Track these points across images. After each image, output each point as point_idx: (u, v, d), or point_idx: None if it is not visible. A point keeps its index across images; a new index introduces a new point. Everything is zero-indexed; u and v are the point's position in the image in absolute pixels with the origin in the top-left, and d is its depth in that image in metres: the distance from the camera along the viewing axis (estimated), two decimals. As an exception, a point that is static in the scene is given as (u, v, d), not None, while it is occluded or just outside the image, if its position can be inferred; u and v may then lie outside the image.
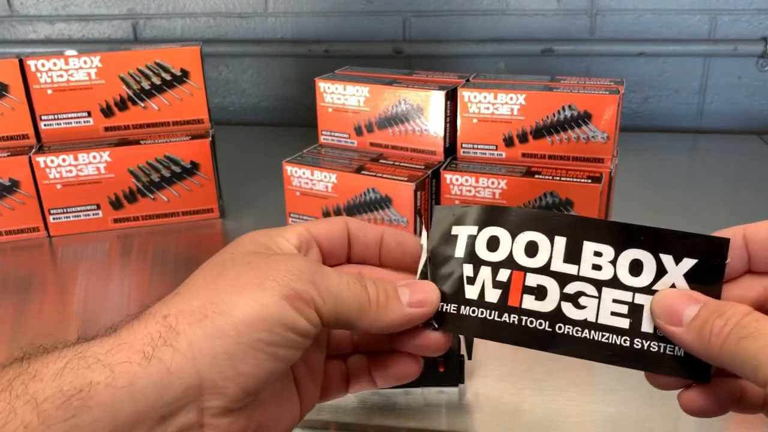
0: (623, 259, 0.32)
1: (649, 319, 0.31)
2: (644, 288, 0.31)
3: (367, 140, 0.80)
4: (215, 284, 0.30)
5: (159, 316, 0.29)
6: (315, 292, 0.30)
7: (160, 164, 0.80)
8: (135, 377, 0.26)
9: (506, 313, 0.33)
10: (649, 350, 0.31)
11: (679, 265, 0.31)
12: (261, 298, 0.29)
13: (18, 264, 0.74)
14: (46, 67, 0.77)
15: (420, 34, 1.18)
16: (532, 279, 0.33)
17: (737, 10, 1.10)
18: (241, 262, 0.31)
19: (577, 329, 0.32)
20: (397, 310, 0.33)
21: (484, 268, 0.34)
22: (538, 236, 0.33)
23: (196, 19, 1.23)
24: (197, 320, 0.28)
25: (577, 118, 0.70)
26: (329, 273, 0.32)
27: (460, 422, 0.47)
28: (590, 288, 0.32)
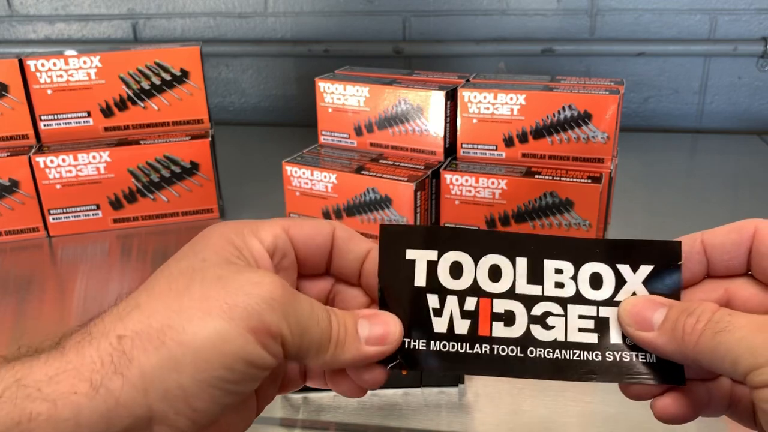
0: (583, 273, 0.32)
1: (616, 330, 0.31)
2: (607, 300, 0.32)
3: (367, 140, 0.80)
4: (179, 302, 0.27)
5: (113, 336, 0.26)
6: (285, 324, 0.28)
7: (159, 164, 0.80)
8: (80, 408, 0.24)
9: (477, 344, 0.31)
10: (622, 360, 0.31)
11: (636, 273, 0.32)
12: (225, 330, 0.26)
13: (18, 264, 0.74)
14: (46, 67, 0.77)
15: (420, 34, 1.18)
16: (499, 305, 0.32)
17: (737, 10, 1.10)
18: (212, 275, 0.28)
19: (548, 350, 0.31)
20: (355, 348, 0.30)
21: (450, 298, 0.32)
22: (500, 259, 0.32)
23: (196, 19, 1.23)
24: (154, 347, 0.26)
25: (577, 118, 0.70)
26: (302, 303, 0.29)
27: (460, 422, 0.47)
28: (556, 307, 0.32)
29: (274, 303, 0.27)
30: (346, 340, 0.30)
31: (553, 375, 0.31)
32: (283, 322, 0.28)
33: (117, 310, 0.27)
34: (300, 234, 0.33)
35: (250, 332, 0.27)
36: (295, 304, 0.29)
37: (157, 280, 0.29)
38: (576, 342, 0.31)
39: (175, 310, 0.26)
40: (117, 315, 0.27)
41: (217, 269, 0.28)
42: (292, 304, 0.28)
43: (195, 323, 0.26)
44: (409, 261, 0.32)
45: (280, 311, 0.28)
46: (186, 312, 0.26)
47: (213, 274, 0.28)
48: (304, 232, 0.33)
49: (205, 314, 0.26)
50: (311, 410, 0.49)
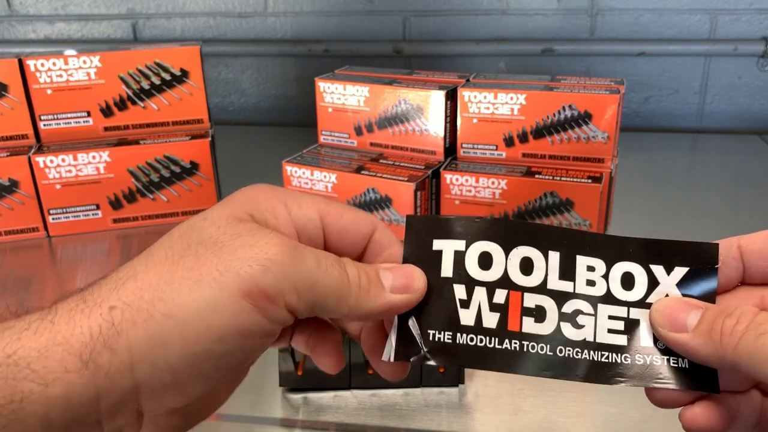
0: (615, 272, 0.31)
1: (647, 333, 0.30)
2: (638, 302, 0.30)
3: (367, 140, 0.80)
4: (172, 272, 0.25)
5: (105, 306, 0.25)
6: (287, 284, 0.26)
7: (159, 164, 0.79)
8: (71, 386, 0.24)
9: (507, 339, 0.30)
10: (652, 364, 0.30)
11: (670, 274, 0.31)
12: (214, 299, 0.25)
13: (17, 264, 0.74)
14: (46, 66, 0.77)
15: (420, 33, 1.18)
16: (530, 299, 0.30)
17: (738, 10, 1.10)
18: (208, 239, 0.26)
19: (577, 350, 0.30)
20: (380, 296, 0.29)
21: (479, 289, 0.30)
22: (533, 251, 0.31)
23: (196, 19, 1.23)
24: (142, 320, 0.25)
25: (577, 118, 0.70)
26: (305, 256, 0.27)
27: (460, 422, 0.47)
28: (586, 306, 0.30)
29: (271, 264, 0.25)
30: (370, 288, 0.28)
31: (582, 377, 0.30)
32: (283, 282, 0.26)
33: (115, 277, 0.26)
34: (336, 225, 0.30)
35: (243, 298, 0.25)
36: (298, 260, 0.26)
37: (157, 246, 0.27)
38: (605, 343, 0.30)
39: (167, 281, 0.25)
40: (114, 283, 0.26)
41: (215, 230, 0.26)
42: (293, 261, 0.26)
43: (184, 294, 0.25)
44: (435, 251, 0.31)
45: (279, 271, 0.25)
46: (177, 282, 0.25)
47: (209, 237, 0.26)
48: (341, 225, 0.31)
49: (195, 284, 0.25)
50: (311, 410, 0.49)
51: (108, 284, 0.26)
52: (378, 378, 0.50)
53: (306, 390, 0.50)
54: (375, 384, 0.50)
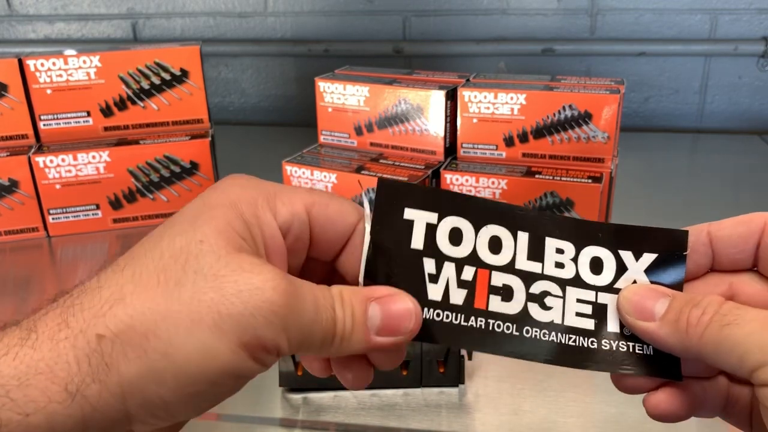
0: (584, 257, 0.31)
1: (614, 319, 0.30)
2: (606, 286, 0.30)
3: (367, 140, 0.80)
4: (167, 303, 0.24)
5: (91, 334, 0.23)
6: (283, 336, 0.25)
7: (159, 164, 0.79)
8: (55, 416, 0.23)
9: (473, 316, 0.29)
10: (618, 350, 0.30)
11: (639, 260, 0.30)
12: (214, 345, 0.24)
13: (17, 264, 0.74)
14: (46, 66, 0.77)
15: (420, 33, 1.18)
16: (497, 278, 0.30)
17: (738, 10, 1.10)
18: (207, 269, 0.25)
19: (544, 332, 0.30)
20: (362, 341, 0.27)
21: (448, 265, 0.30)
22: (502, 230, 0.30)
23: (196, 19, 1.23)
24: (136, 355, 0.23)
25: (577, 118, 0.70)
26: (305, 306, 0.26)
27: (460, 422, 0.47)
28: (555, 287, 0.30)
29: (273, 316, 0.24)
30: (353, 333, 0.27)
31: (548, 358, 0.30)
32: (281, 334, 0.25)
33: (99, 298, 0.24)
34: (322, 216, 0.29)
35: (241, 348, 0.24)
36: (297, 309, 0.25)
37: (145, 263, 0.25)
38: (573, 326, 0.30)
39: (161, 314, 0.24)
40: (99, 307, 0.24)
41: (215, 261, 0.25)
42: (293, 312, 0.25)
43: (181, 334, 0.24)
44: (406, 221, 0.30)
45: (279, 324, 0.25)
46: (173, 318, 0.24)
47: (208, 269, 0.24)
48: (327, 216, 0.29)
49: (193, 324, 0.24)
50: (311, 410, 0.49)
51: (92, 306, 0.24)
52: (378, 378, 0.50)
53: (306, 390, 0.50)
54: (375, 384, 0.50)
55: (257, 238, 0.27)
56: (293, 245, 0.29)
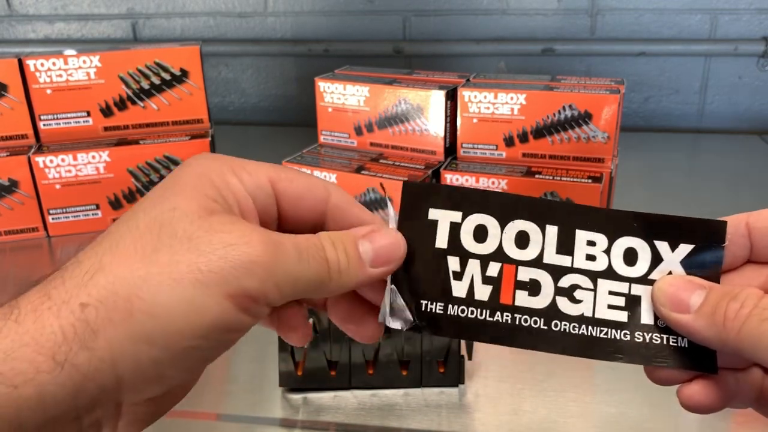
0: (617, 248, 0.30)
1: (648, 311, 0.30)
2: (640, 278, 0.30)
3: (367, 140, 0.80)
4: (146, 267, 0.24)
5: (75, 304, 0.24)
6: (270, 284, 0.25)
7: (159, 164, 0.79)
8: (44, 386, 0.23)
9: (498, 312, 0.30)
10: (652, 342, 0.29)
11: (675, 251, 0.30)
12: (199, 299, 0.24)
13: (17, 264, 0.74)
14: (46, 66, 0.77)
15: (420, 33, 1.18)
16: (524, 273, 0.30)
17: (738, 10, 1.10)
18: (181, 234, 0.25)
19: (574, 325, 0.30)
20: (360, 273, 0.28)
21: (472, 262, 0.30)
22: (529, 225, 0.30)
23: (196, 19, 1.23)
24: (121, 318, 0.24)
25: (577, 118, 0.70)
26: (287, 252, 0.26)
27: (460, 422, 0.47)
28: (585, 280, 0.30)
29: (254, 266, 0.25)
30: (349, 267, 0.28)
31: (578, 351, 0.29)
32: (267, 283, 0.25)
33: (79, 270, 0.25)
34: (288, 191, 0.29)
35: (227, 299, 0.24)
36: (280, 257, 0.26)
37: (121, 234, 0.26)
38: (604, 319, 0.30)
39: (141, 277, 0.24)
40: (79, 278, 0.24)
41: (188, 224, 0.25)
42: (276, 260, 0.25)
43: (165, 293, 0.24)
44: (431, 221, 0.30)
45: (262, 272, 0.25)
46: (154, 279, 0.24)
47: (183, 232, 0.25)
48: (294, 191, 0.29)
49: (176, 282, 0.24)
50: (311, 410, 0.49)
51: (73, 278, 0.24)
52: (378, 378, 0.50)
53: (306, 390, 0.50)
54: (375, 384, 0.50)
55: (229, 199, 0.27)
56: (261, 218, 0.29)
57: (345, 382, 0.50)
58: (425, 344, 0.49)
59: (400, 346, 0.49)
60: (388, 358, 0.49)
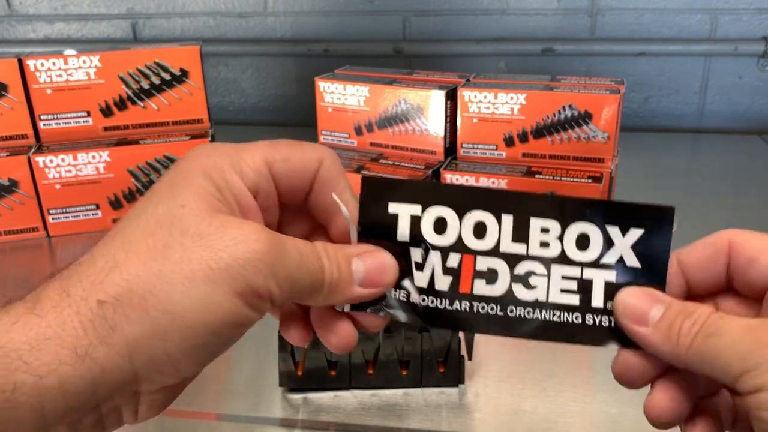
0: (570, 233, 0.31)
1: (599, 294, 0.31)
2: (592, 262, 0.31)
3: (367, 140, 0.80)
4: (159, 264, 0.25)
5: (92, 301, 0.25)
6: (273, 282, 0.27)
7: (159, 164, 0.79)
8: (66, 377, 0.24)
9: (457, 300, 0.31)
10: (601, 325, 0.30)
11: (626, 236, 0.31)
12: (211, 297, 0.25)
13: (17, 264, 0.74)
14: (46, 66, 0.77)
15: (420, 33, 1.18)
16: (482, 262, 0.31)
17: (738, 10, 1.10)
18: (192, 231, 0.26)
19: (528, 310, 0.31)
20: (348, 291, 0.29)
21: (433, 253, 0.31)
22: (486, 215, 0.31)
23: (196, 19, 1.23)
24: (137, 315, 0.25)
25: (577, 118, 0.70)
26: (290, 254, 0.27)
27: (460, 422, 0.47)
28: (539, 267, 0.31)
29: (261, 264, 0.26)
30: (340, 283, 0.29)
31: (532, 335, 0.31)
32: (271, 281, 0.26)
33: (94, 268, 0.26)
34: (284, 169, 0.30)
35: (236, 296, 0.26)
36: (283, 256, 0.27)
37: (132, 231, 0.27)
38: (557, 303, 0.31)
39: (155, 274, 0.25)
40: (95, 276, 0.26)
41: (198, 222, 0.26)
42: (279, 258, 0.27)
43: (179, 290, 0.25)
44: (391, 215, 0.31)
45: (268, 270, 0.26)
46: (168, 276, 0.25)
47: (194, 229, 0.26)
48: (289, 168, 0.30)
49: (188, 280, 0.25)
50: (311, 410, 0.49)
51: (89, 275, 0.26)
52: (378, 378, 0.50)
53: (306, 390, 0.50)
54: (375, 384, 0.50)
55: (230, 200, 0.28)
56: (265, 202, 0.30)
57: (345, 382, 0.50)
58: (425, 344, 0.49)
59: (400, 346, 0.49)
60: (388, 358, 0.49)
